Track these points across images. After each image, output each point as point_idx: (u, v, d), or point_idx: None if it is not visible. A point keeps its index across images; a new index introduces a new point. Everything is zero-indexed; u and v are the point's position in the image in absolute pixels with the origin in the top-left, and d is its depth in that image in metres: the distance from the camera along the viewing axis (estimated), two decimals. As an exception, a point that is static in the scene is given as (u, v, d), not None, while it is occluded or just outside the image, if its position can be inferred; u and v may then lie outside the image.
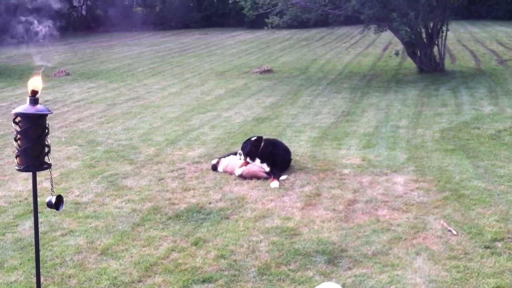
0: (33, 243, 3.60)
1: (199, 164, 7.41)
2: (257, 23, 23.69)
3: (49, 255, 4.77)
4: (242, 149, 7.13)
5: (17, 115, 3.25)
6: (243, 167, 6.87)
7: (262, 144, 7.10)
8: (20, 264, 4.63)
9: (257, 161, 6.94)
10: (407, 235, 5.04)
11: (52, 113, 3.49)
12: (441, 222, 5.29)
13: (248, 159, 6.97)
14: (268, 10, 16.03)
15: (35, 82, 3.27)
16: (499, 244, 4.79)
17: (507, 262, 4.47)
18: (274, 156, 6.97)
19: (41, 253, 4.61)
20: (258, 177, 6.74)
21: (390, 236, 5.03)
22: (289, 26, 17.16)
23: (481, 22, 30.93)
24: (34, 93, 3.25)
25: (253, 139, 7.20)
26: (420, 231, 5.11)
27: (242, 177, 6.78)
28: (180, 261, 4.63)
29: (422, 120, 9.93)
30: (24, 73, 17.03)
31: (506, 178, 6.53)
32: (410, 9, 14.34)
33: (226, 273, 4.42)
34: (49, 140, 3.37)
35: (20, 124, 3.26)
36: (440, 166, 7.05)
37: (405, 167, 7.07)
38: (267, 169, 6.84)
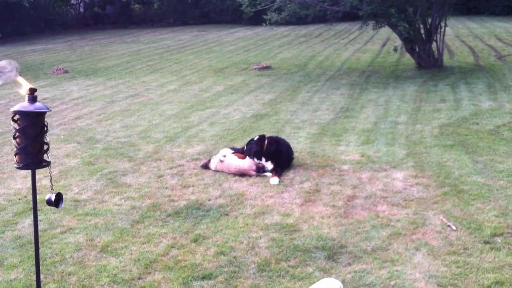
0: (33, 241, 3.60)
1: (198, 161, 7.41)
2: (255, 19, 23.68)
3: (48, 253, 4.77)
4: (247, 150, 7.09)
5: (16, 113, 3.24)
6: (236, 158, 6.85)
7: (266, 142, 7.08)
8: (19, 262, 4.62)
9: (263, 160, 6.88)
10: (406, 230, 5.05)
11: (51, 110, 3.49)
12: (441, 217, 5.29)
13: (255, 159, 6.90)
14: (266, 7, 16.00)
15: (23, 83, 3.29)
16: (498, 239, 4.80)
17: (506, 257, 4.48)
18: (278, 154, 6.94)
19: (40, 250, 4.62)
20: (244, 175, 6.71)
21: (390, 231, 5.03)
22: (287, 22, 17.11)
23: (479, 18, 30.91)
24: (33, 91, 3.25)
25: (255, 138, 7.18)
26: (419, 227, 5.12)
27: (234, 173, 6.75)
28: (180, 257, 4.64)
29: (421, 116, 9.93)
30: (22, 71, 16.96)
31: (505, 173, 6.53)
32: (408, 5, 14.33)
33: (226, 269, 4.42)
34: (48, 137, 3.36)
35: (19, 122, 3.25)
36: (439, 162, 7.06)
37: (404, 163, 7.08)
38: (271, 167, 6.78)
